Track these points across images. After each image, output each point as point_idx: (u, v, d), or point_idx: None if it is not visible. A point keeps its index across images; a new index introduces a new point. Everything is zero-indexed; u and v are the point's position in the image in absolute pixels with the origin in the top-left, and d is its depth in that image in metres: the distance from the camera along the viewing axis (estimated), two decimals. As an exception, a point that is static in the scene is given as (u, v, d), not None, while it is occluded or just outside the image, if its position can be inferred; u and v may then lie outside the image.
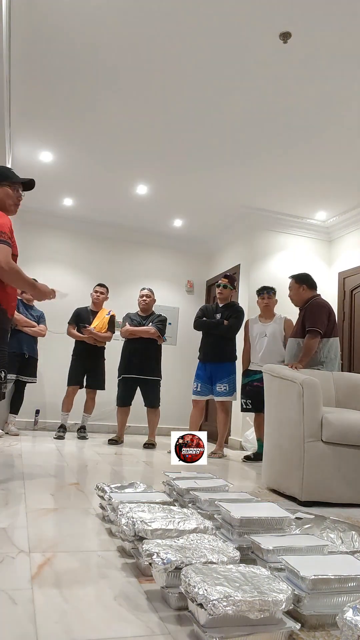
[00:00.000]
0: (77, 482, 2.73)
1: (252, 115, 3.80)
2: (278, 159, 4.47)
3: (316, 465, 2.64)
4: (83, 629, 1.09)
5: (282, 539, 1.52)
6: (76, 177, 5.15)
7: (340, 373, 3.53)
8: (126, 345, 4.86)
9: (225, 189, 5.16)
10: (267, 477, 3.01)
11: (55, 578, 1.36)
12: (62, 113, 3.97)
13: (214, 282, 6.38)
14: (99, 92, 3.66)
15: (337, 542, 1.71)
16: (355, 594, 1.22)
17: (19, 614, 1.14)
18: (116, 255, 6.53)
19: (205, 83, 3.47)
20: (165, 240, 6.73)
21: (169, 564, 1.26)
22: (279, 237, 5.83)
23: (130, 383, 4.75)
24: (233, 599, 1.05)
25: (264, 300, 4.53)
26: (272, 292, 4.53)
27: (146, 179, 5.12)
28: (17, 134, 4.31)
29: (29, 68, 3.44)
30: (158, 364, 4.84)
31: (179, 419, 5.82)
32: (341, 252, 5.78)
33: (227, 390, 4.41)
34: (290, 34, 2.93)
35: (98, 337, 4.98)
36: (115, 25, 2.99)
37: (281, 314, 4.52)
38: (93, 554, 1.60)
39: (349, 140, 4.05)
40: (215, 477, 2.42)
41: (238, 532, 1.61)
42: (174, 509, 1.73)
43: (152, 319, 4.86)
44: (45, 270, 6.01)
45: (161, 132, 4.15)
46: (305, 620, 1.18)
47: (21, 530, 1.77)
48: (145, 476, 3.18)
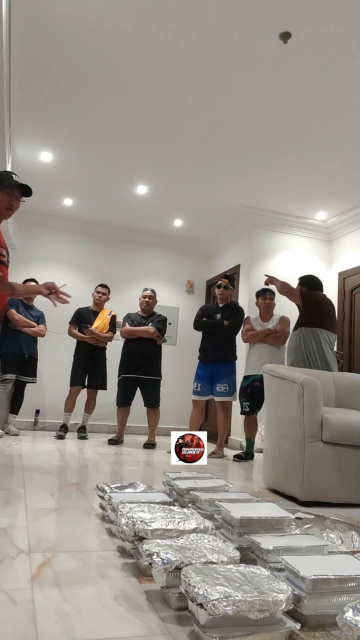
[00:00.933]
0: (77, 482, 2.73)
1: (252, 115, 3.80)
2: (278, 159, 4.46)
3: (316, 466, 2.64)
4: (83, 629, 1.09)
5: (282, 539, 1.52)
6: (76, 177, 5.15)
7: (340, 373, 3.53)
8: (126, 345, 4.86)
9: (225, 189, 5.16)
10: (267, 477, 3.01)
11: (55, 578, 1.36)
12: (62, 113, 3.97)
13: (214, 282, 6.38)
14: (99, 92, 3.66)
15: (337, 542, 1.71)
16: (355, 594, 1.22)
17: (19, 614, 1.14)
18: (116, 255, 6.53)
19: (205, 83, 3.47)
20: (165, 240, 6.73)
21: (169, 564, 1.26)
22: (279, 237, 5.83)
23: (130, 383, 4.75)
24: (233, 599, 1.05)
25: (265, 301, 4.53)
26: (272, 293, 4.53)
27: (146, 179, 5.12)
28: (17, 134, 4.31)
29: (29, 68, 3.43)
30: (158, 364, 4.84)
31: (179, 419, 5.82)
32: (341, 252, 5.77)
33: (227, 391, 4.41)
34: (290, 34, 2.93)
35: (99, 338, 4.98)
36: (115, 25, 2.99)
37: (278, 313, 4.52)
38: (93, 554, 1.60)
39: (349, 140, 4.05)
40: (215, 477, 2.42)
41: (238, 532, 1.61)
42: (174, 509, 1.73)
43: (152, 319, 4.86)
44: (45, 271, 6.00)
45: (161, 132, 4.15)
46: (305, 620, 1.18)
47: (21, 530, 1.77)
48: (145, 476, 3.18)
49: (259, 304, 4.60)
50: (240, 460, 4.22)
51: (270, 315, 4.54)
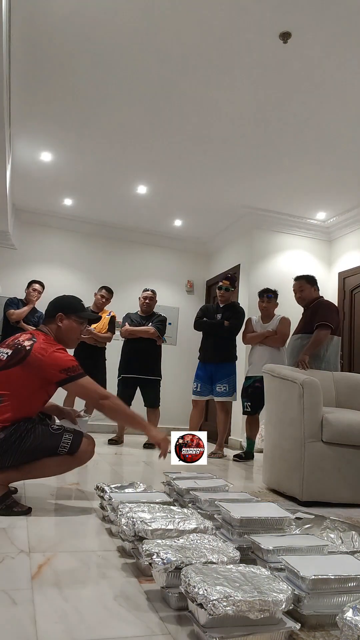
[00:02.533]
0: (77, 482, 2.73)
1: (252, 115, 3.80)
2: (278, 159, 4.46)
3: (316, 466, 2.64)
4: (83, 629, 1.09)
5: (282, 539, 1.52)
6: (76, 177, 5.15)
7: (340, 373, 3.54)
8: (126, 345, 4.86)
9: (225, 189, 5.16)
10: (267, 477, 3.01)
11: (55, 578, 1.36)
12: (62, 113, 3.97)
13: (214, 282, 6.39)
14: (100, 92, 3.65)
15: (337, 542, 1.71)
16: (355, 594, 1.22)
17: (19, 614, 1.14)
18: (116, 255, 6.53)
19: (205, 83, 3.47)
20: (165, 240, 6.73)
21: (169, 564, 1.26)
22: (279, 237, 5.82)
23: (130, 383, 4.75)
24: (233, 599, 1.05)
25: (262, 304, 4.52)
26: (272, 295, 4.50)
27: (146, 179, 5.12)
28: (17, 134, 4.31)
29: (29, 68, 3.43)
30: (158, 364, 4.83)
31: (179, 419, 5.82)
32: (341, 252, 5.77)
33: (227, 391, 4.41)
34: (290, 34, 2.93)
35: (98, 338, 4.98)
36: (116, 25, 2.99)
37: (279, 314, 4.50)
38: (93, 554, 1.60)
39: (349, 140, 4.04)
40: (215, 477, 2.42)
41: (238, 532, 1.61)
42: (174, 509, 1.73)
43: (152, 320, 4.86)
44: (45, 271, 6.01)
45: (161, 132, 4.15)
46: (305, 620, 1.18)
47: (21, 530, 1.77)
48: (145, 476, 3.18)
49: (258, 305, 4.59)
50: (240, 460, 4.23)
51: (270, 316, 4.52)
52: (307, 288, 3.95)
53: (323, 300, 3.95)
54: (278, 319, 4.46)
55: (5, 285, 5.82)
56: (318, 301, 3.91)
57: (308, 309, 3.93)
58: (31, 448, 2.03)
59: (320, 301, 3.92)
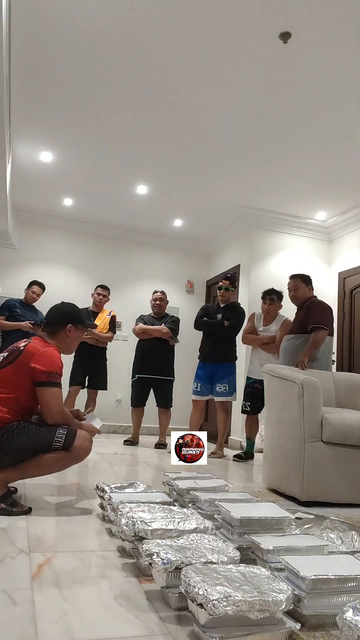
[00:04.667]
0: (77, 482, 2.73)
1: (252, 115, 3.80)
2: (278, 159, 4.46)
3: (316, 465, 2.64)
4: (83, 629, 1.09)
5: (282, 539, 1.52)
6: (76, 177, 5.15)
7: (340, 373, 3.54)
8: (139, 346, 4.88)
9: (225, 189, 5.16)
10: (267, 477, 3.01)
11: (55, 578, 1.36)
12: (62, 113, 3.96)
13: (214, 282, 6.39)
14: (100, 92, 3.65)
15: (337, 542, 1.71)
16: (355, 594, 1.22)
17: (19, 614, 1.14)
18: (116, 256, 6.53)
19: (205, 82, 3.47)
20: (165, 240, 6.73)
21: (169, 564, 1.26)
22: (279, 237, 5.82)
23: (144, 383, 4.76)
24: (233, 599, 1.05)
25: (264, 306, 4.49)
26: (275, 298, 4.44)
27: (146, 179, 5.12)
28: (17, 134, 4.31)
29: (29, 68, 3.43)
30: (171, 364, 4.85)
31: (179, 419, 5.81)
32: (341, 252, 5.77)
33: (227, 391, 4.40)
34: (290, 34, 2.93)
35: (99, 338, 4.98)
36: (116, 25, 2.99)
37: (283, 316, 4.48)
38: (93, 554, 1.60)
39: (349, 140, 4.04)
40: (215, 477, 2.42)
41: (238, 532, 1.61)
42: (174, 509, 1.73)
43: (165, 320, 4.88)
44: (45, 271, 6.01)
45: (161, 132, 4.15)
46: (305, 620, 1.18)
47: (21, 530, 1.77)
48: (145, 476, 3.18)
49: (261, 306, 4.56)
50: (240, 460, 4.23)
51: (272, 318, 4.48)
52: (301, 287, 3.94)
53: (316, 300, 3.92)
54: (281, 321, 4.40)
55: (5, 285, 5.82)
56: (311, 301, 3.89)
57: (302, 308, 3.91)
58: (26, 445, 2.05)
59: (314, 301, 3.90)
